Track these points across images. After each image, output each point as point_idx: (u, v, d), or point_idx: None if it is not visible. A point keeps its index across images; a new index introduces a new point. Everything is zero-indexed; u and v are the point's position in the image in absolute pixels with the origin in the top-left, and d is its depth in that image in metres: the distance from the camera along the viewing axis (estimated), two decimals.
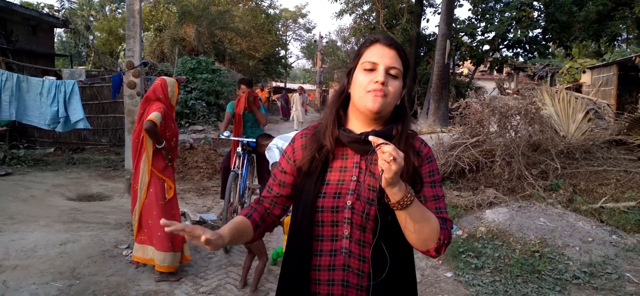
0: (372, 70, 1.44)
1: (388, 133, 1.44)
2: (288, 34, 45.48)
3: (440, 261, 4.92)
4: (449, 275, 4.62)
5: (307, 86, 46.18)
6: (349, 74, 1.52)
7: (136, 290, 4.07)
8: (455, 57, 19.88)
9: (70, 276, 4.28)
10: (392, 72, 1.44)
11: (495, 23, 19.51)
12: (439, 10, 17.88)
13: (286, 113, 24.21)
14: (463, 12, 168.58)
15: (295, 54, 65.28)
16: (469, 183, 7.18)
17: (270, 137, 5.05)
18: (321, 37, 38.81)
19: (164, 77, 4.63)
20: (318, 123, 1.60)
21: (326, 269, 1.44)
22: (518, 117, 7.50)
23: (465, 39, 20.32)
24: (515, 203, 6.09)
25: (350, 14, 22.35)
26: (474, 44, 20.15)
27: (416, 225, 1.33)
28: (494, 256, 4.83)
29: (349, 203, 1.43)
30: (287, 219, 3.40)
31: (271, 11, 34.76)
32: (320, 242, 1.45)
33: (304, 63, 60.62)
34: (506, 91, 18.65)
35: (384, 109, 1.43)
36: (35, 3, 26.31)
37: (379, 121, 1.48)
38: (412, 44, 20.04)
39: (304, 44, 48.84)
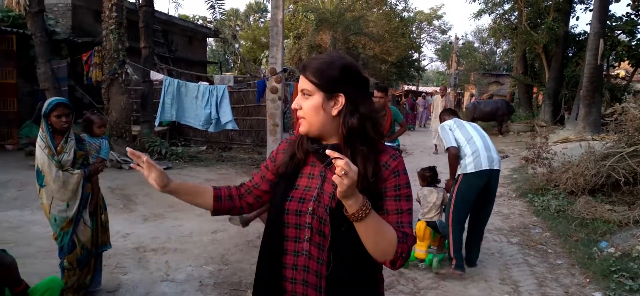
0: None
1: (337, 148, 1.47)
2: (422, 36, 44.83)
3: (587, 279, 4.56)
4: (597, 295, 4.27)
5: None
6: None
7: None
8: (610, 58, 17.92)
9: (220, 261, 4.76)
10: (304, 93, 1.56)
11: None
12: (591, 7, 16.30)
13: (410, 120, 21.69)
14: (620, 8, 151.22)
15: (428, 57, 64.10)
16: (625, 197, 6.50)
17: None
18: (457, 38, 37.60)
19: None
20: (293, 138, 1.73)
21: (290, 267, 1.55)
22: None
23: (623, 37, 18.23)
24: None
25: (489, 14, 21.36)
26: (633, 43, 17.99)
27: (372, 237, 1.40)
28: None
29: (310, 208, 1.52)
30: None
31: (405, 14, 34.57)
32: (286, 242, 1.56)
33: (437, 66, 59.27)
34: None
35: (310, 129, 1.55)
36: (191, 16, 29.29)
37: (320, 137, 1.57)
38: (558, 44, 18.53)
39: (438, 46, 47.73)
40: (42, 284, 3.04)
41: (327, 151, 1.32)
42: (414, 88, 41.63)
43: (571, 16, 19.41)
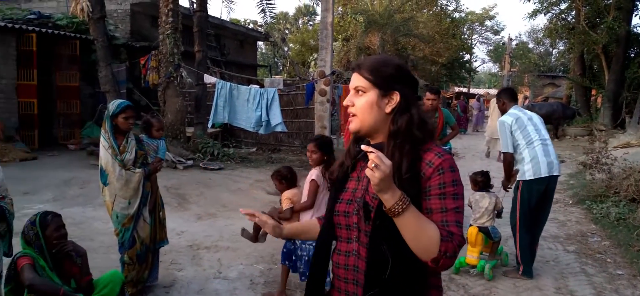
0: None
1: (380, 148, 1.47)
2: (473, 37, 43.88)
3: None
4: None
5: (492, 91, 43.94)
6: None
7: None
8: None
9: (270, 261, 4.86)
10: (358, 90, 1.58)
11: None
12: None
13: (462, 123, 19.89)
14: None
15: (480, 58, 62.58)
16: None
17: None
18: (510, 39, 36.62)
19: None
20: None
21: (342, 267, 1.60)
22: None
23: None
24: None
25: (544, 14, 20.59)
26: None
27: (412, 233, 1.41)
28: None
29: (355, 209, 1.56)
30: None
31: (456, 15, 33.95)
32: (340, 243, 1.63)
33: (489, 67, 57.81)
34: None
35: (361, 127, 1.58)
36: (242, 20, 29.93)
37: (368, 134, 1.60)
38: (619, 45, 17.66)
39: (490, 47, 46.60)
40: (105, 277, 3.22)
41: (362, 147, 1.37)
42: (464, 90, 40.80)
43: (634, 14, 18.44)
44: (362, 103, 1.56)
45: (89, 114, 13.60)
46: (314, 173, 3.80)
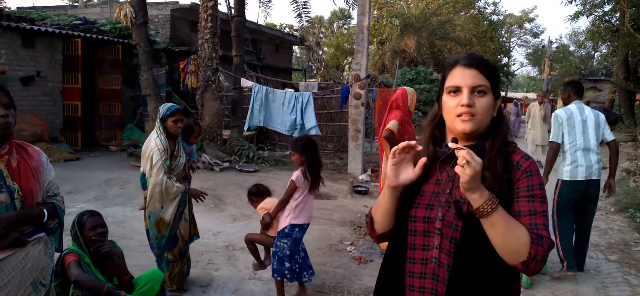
0: (456, 92, 1.49)
1: (479, 149, 1.42)
2: (512, 40, 42.98)
3: None
4: None
5: (531, 95, 42.91)
6: (438, 98, 1.58)
7: (359, 284, 4.46)
8: None
9: None
10: (478, 90, 1.47)
11: None
12: None
13: None
14: None
15: (518, 61, 61.33)
16: None
17: None
18: (550, 42, 35.66)
19: (405, 87, 5.31)
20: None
21: (418, 276, 1.51)
22: None
23: None
24: None
25: (587, 16, 20.06)
26: None
27: (501, 236, 1.36)
28: None
29: (440, 214, 1.48)
30: None
31: (494, 18, 33.36)
32: (413, 250, 1.52)
33: (528, 70, 56.50)
34: None
35: (476, 129, 1.47)
36: (278, 24, 30.23)
37: (474, 136, 1.50)
38: None
39: (529, 50, 45.53)
40: (145, 275, 3.31)
41: (450, 144, 1.34)
42: (502, 94, 39.99)
43: None
44: (485, 104, 1.48)
45: (129, 117, 14.04)
46: (294, 174, 3.89)
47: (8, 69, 10.09)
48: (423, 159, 1.49)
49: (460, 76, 1.49)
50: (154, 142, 3.76)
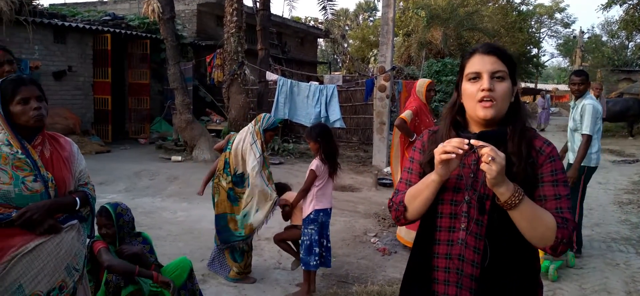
0: (476, 79, 1.52)
1: (501, 134, 1.48)
2: (542, 30, 42.02)
3: None
4: None
5: (561, 87, 41.93)
6: (457, 87, 1.62)
7: (382, 275, 4.47)
8: None
9: None
10: (498, 75, 1.50)
11: None
12: None
13: None
14: None
15: (549, 52, 59.92)
16: None
17: None
18: (582, 32, 34.75)
19: (423, 79, 5.59)
20: (436, 128, 1.68)
21: (443, 257, 1.56)
22: None
23: None
24: None
25: (620, 5, 19.47)
26: None
27: (528, 223, 1.41)
28: None
29: (467, 197, 1.53)
30: None
31: (524, 8, 32.66)
32: (439, 232, 1.57)
33: (559, 61, 55.23)
34: None
35: (497, 114, 1.50)
36: (303, 17, 30.25)
37: (494, 123, 1.53)
38: None
39: (560, 41, 44.48)
40: (173, 264, 3.40)
41: (472, 141, 1.36)
42: (532, 85, 39.18)
43: None
44: (504, 89, 1.51)
45: (157, 110, 14.31)
46: (313, 163, 3.95)
47: (41, 64, 10.39)
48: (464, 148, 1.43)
49: (480, 63, 1.53)
50: (252, 147, 4.04)
